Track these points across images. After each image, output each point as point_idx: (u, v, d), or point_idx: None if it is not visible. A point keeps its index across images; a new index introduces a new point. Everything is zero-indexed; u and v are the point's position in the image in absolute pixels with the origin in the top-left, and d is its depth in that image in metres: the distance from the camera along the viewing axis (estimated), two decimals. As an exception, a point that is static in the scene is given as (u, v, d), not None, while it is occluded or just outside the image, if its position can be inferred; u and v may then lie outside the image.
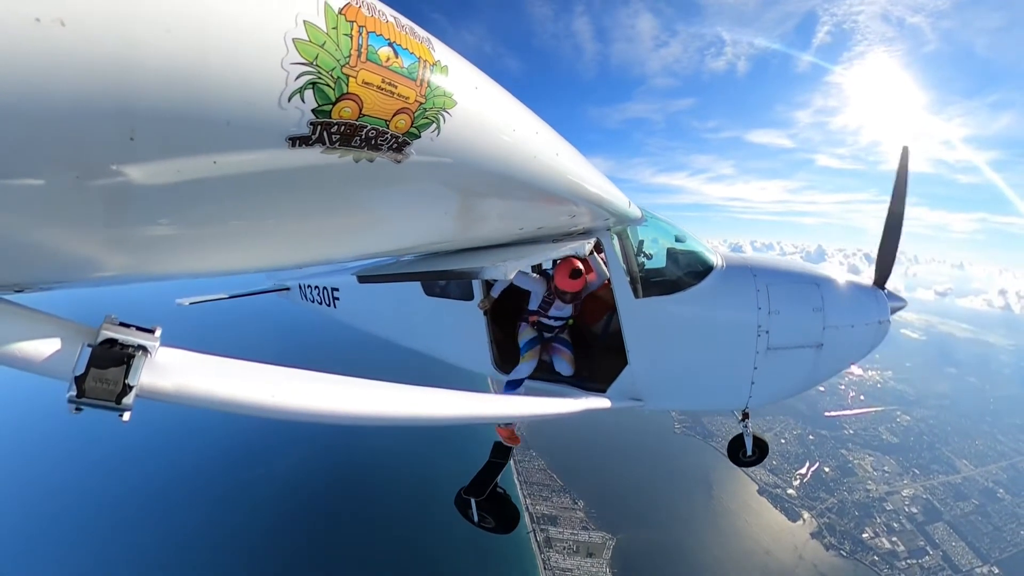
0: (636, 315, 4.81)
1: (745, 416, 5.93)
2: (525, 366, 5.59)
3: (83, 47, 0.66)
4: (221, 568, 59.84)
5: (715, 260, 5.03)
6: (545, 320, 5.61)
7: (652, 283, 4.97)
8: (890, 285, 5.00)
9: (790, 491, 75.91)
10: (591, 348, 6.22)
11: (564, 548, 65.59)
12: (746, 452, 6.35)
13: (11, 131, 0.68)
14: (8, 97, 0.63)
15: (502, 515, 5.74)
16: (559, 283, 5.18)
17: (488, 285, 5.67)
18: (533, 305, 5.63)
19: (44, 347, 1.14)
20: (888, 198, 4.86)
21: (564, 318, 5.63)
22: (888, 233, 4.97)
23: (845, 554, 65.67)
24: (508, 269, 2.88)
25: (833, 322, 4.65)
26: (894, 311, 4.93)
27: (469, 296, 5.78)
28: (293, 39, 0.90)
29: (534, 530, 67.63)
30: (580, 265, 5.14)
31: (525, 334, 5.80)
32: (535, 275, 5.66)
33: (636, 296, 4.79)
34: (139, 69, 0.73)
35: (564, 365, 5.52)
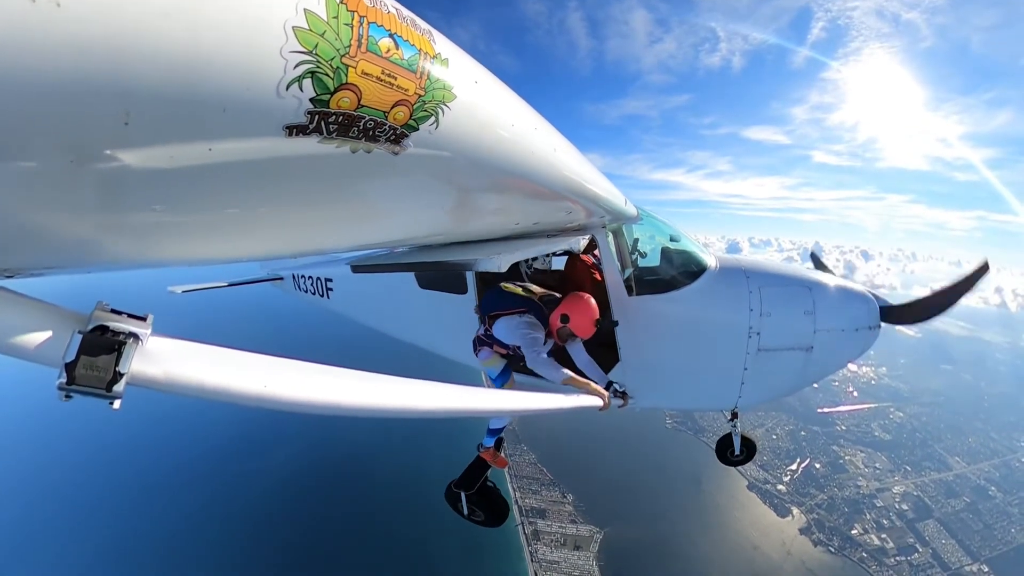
0: (629, 313, 4.83)
1: (734, 416, 5.98)
2: None
3: (79, 29, 0.65)
4: (213, 560, 59.92)
5: (709, 261, 5.06)
6: (511, 351, 4.84)
7: (646, 282, 5.02)
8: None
9: (780, 487, 76.45)
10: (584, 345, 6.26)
11: (552, 541, 66.14)
12: (734, 451, 6.39)
13: (4, 113, 0.67)
14: (2, 79, 0.63)
15: (492, 508, 5.77)
16: (577, 328, 4.40)
17: (481, 279, 5.61)
18: (521, 345, 4.51)
19: (34, 334, 1.13)
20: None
21: None
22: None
23: (833, 550, 66.11)
24: (502, 262, 2.88)
25: (824, 326, 4.70)
26: None
27: (463, 289, 5.78)
28: (293, 27, 0.89)
29: (522, 523, 68.09)
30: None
31: (493, 363, 4.93)
32: (534, 319, 4.56)
33: (629, 294, 4.83)
34: (135, 53, 0.72)
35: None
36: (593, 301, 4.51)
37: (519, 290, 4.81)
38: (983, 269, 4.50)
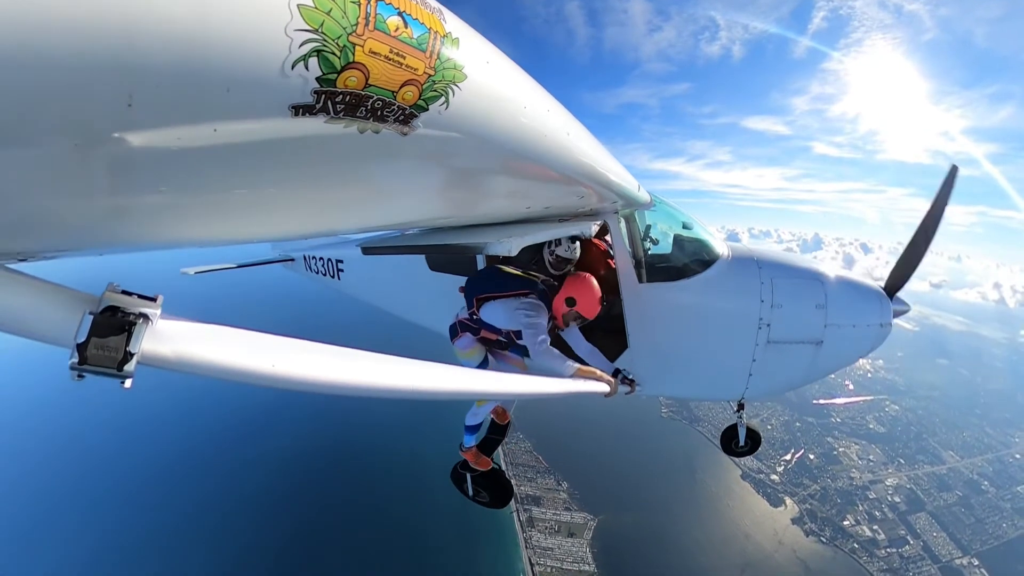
0: (639, 300, 4.81)
1: (740, 407, 5.98)
2: (484, 407, 5.30)
3: (79, 11, 0.63)
4: (213, 545, 60.41)
5: (721, 250, 5.01)
6: (503, 337, 4.60)
7: (657, 268, 4.97)
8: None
9: (773, 477, 76.95)
10: (591, 331, 6.27)
11: (546, 528, 66.90)
12: (739, 442, 6.41)
13: (8, 96, 0.66)
14: (4, 62, 0.61)
15: (497, 491, 5.86)
16: (585, 309, 4.27)
17: (491, 261, 5.59)
18: (523, 332, 4.22)
19: (47, 315, 1.15)
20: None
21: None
22: (916, 245, 4.79)
23: (825, 541, 66.67)
24: (513, 245, 2.85)
25: (835, 320, 4.64)
26: (897, 315, 4.90)
27: (473, 271, 5.77)
28: (298, 5, 0.87)
29: (517, 510, 68.77)
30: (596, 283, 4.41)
31: (472, 354, 4.76)
32: (538, 301, 4.31)
33: (640, 281, 4.80)
34: (138, 33, 0.70)
35: (516, 371, 4.90)
36: (594, 280, 4.40)
37: (519, 272, 4.63)
38: None
